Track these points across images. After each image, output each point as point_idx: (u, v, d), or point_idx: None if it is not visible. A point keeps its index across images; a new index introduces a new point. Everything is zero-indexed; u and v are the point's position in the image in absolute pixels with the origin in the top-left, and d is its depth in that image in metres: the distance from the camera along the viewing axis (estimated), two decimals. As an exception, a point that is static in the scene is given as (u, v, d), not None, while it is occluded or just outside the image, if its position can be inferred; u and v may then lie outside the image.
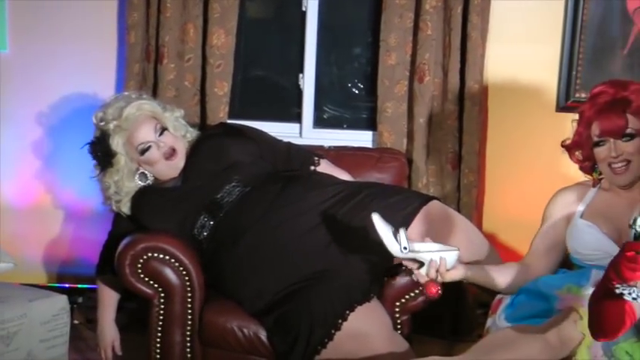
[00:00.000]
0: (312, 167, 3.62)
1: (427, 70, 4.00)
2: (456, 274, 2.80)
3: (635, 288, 2.27)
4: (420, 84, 4.01)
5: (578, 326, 2.62)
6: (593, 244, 2.91)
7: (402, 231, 2.72)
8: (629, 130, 2.84)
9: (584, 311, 2.63)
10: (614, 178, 2.91)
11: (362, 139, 4.26)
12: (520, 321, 2.79)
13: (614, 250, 2.82)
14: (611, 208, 2.94)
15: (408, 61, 4.04)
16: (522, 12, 4.10)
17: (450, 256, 2.75)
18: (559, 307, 2.71)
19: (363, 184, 3.54)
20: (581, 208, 2.99)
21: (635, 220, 2.27)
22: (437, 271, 2.73)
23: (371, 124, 4.25)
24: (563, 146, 3.03)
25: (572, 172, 3.13)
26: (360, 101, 4.39)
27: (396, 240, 2.70)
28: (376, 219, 2.74)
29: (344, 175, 3.64)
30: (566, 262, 3.05)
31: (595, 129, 2.89)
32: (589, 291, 2.71)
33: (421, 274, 2.74)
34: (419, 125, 4.03)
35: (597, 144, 2.90)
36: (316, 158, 3.66)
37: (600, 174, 2.97)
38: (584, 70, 4.10)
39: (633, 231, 2.28)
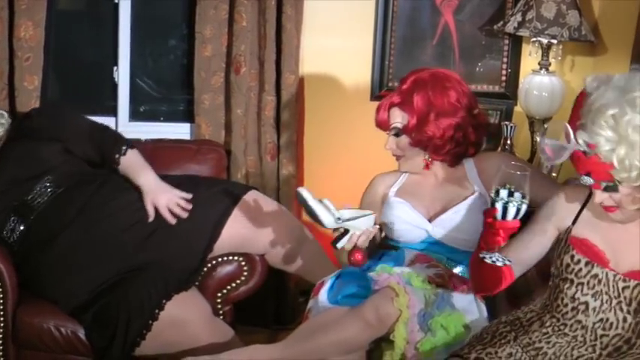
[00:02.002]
0: (117, 155, 3.39)
1: (243, 61, 4.00)
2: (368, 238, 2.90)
3: (496, 253, 2.39)
4: (236, 75, 4.01)
5: (394, 303, 2.70)
6: (405, 217, 3.04)
7: (327, 202, 2.81)
8: (395, 126, 3.06)
9: (400, 288, 2.72)
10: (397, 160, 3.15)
11: (180, 131, 4.22)
12: (340, 301, 2.86)
13: (423, 223, 3.02)
14: (420, 188, 3.11)
15: (224, 53, 4.02)
16: (336, 4, 4.15)
17: (370, 220, 2.86)
18: (375, 287, 2.78)
19: (183, 177, 3.52)
20: (394, 189, 3.14)
21: (496, 191, 2.35)
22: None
23: (188, 117, 4.21)
24: None
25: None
26: (176, 93, 4.34)
27: (329, 212, 2.78)
28: (305, 193, 2.81)
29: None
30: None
31: None
32: (401, 269, 2.83)
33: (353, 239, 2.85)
34: (237, 116, 4.02)
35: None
36: (124, 147, 3.42)
37: None
38: (396, 60, 4.20)
39: (490, 199, 2.40)
